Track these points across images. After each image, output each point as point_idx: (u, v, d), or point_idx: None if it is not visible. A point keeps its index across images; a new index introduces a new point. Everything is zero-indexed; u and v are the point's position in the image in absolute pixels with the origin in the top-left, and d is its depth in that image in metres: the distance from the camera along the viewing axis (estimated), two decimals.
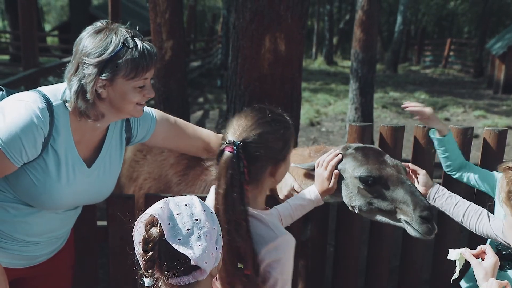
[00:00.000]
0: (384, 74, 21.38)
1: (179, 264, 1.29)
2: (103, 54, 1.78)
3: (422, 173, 2.24)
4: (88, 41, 1.81)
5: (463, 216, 2.15)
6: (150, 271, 1.33)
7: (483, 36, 21.84)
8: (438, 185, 2.26)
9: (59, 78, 2.05)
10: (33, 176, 1.86)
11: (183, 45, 5.36)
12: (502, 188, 1.83)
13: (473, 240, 2.59)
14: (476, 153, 2.64)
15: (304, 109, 11.75)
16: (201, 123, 10.15)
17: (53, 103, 1.88)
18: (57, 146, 1.89)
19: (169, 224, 1.32)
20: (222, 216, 1.57)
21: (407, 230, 2.10)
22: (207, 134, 2.43)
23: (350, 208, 2.22)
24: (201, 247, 1.31)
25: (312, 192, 2.12)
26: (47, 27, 36.08)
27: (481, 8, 24.01)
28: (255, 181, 1.68)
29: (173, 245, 1.29)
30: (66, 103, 1.90)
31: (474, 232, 2.14)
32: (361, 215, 2.24)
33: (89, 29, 1.85)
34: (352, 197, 2.18)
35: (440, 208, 2.23)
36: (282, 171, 1.73)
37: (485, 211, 2.14)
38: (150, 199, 2.30)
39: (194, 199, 1.41)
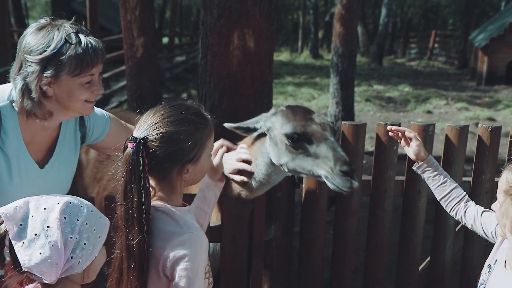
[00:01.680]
0: (369, 67, 21.40)
1: (19, 265, 1.32)
2: (45, 51, 1.73)
3: (416, 143, 2.09)
4: (31, 38, 1.76)
5: (444, 197, 2.08)
6: (1, 263, 1.37)
7: (466, 28, 21.92)
8: (432, 157, 2.16)
9: None
10: None
11: (154, 42, 5.30)
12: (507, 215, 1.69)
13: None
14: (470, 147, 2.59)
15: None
16: None
17: (0, 104, 1.83)
18: (6, 148, 1.85)
19: (20, 225, 1.33)
20: (120, 213, 1.57)
21: (328, 185, 2.11)
22: None
23: (280, 167, 2.21)
24: (41, 255, 1.30)
25: (205, 179, 2.05)
26: (32, 22, 35.69)
27: (465, 0, 24.07)
28: (164, 180, 1.65)
29: (14, 246, 1.30)
30: (13, 104, 1.85)
31: (452, 215, 2.09)
32: (290, 173, 2.25)
33: (33, 26, 1.80)
34: (280, 155, 2.19)
35: (426, 181, 2.16)
36: (195, 171, 1.67)
37: (470, 201, 2.09)
38: (111, 201, 2.26)
39: (58, 204, 1.38)
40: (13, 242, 1.31)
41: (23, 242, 1.31)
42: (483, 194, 2.64)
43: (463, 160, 2.62)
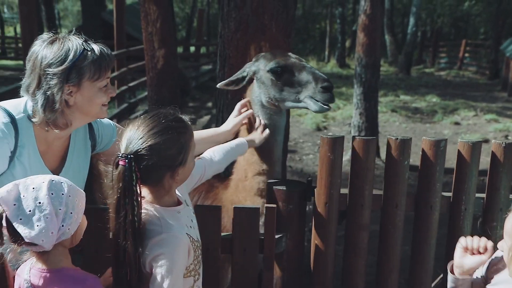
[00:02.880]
0: (396, 77, 21.21)
1: (21, 239, 1.54)
2: (65, 61, 1.82)
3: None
4: (46, 52, 1.84)
5: None
6: (0, 240, 1.56)
7: (497, 37, 21.52)
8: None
9: None
10: None
11: (175, 53, 5.39)
12: None
13: None
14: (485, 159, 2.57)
15: (312, 113, 11.70)
16: (207, 128, 10.18)
17: (16, 117, 1.91)
18: (23, 159, 1.92)
19: (14, 205, 1.55)
20: (112, 224, 1.69)
21: (309, 107, 2.50)
22: None
23: (272, 103, 2.59)
24: (39, 227, 1.53)
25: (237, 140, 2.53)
26: (64, 32, 36.52)
27: (495, 9, 23.67)
28: (157, 186, 1.76)
29: (14, 223, 1.53)
30: (30, 118, 1.92)
31: None
32: (282, 106, 2.62)
33: (40, 42, 1.88)
34: (269, 90, 2.56)
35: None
36: (184, 171, 1.79)
37: None
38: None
39: (44, 183, 1.60)
40: (11, 220, 1.53)
41: (20, 219, 1.53)
42: (497, 210, 2.60)
43: (476, 176, 2.58)
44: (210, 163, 2.29)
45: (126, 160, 1.62)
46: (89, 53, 1.86)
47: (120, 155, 1.64)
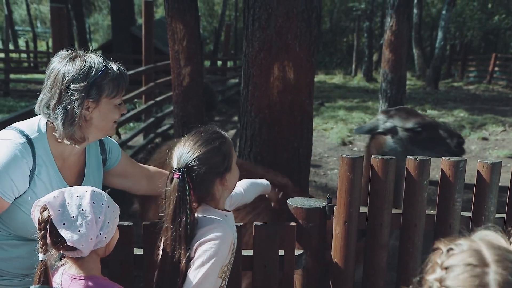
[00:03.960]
0: (424, 91, 21.01)
1: (61, 243, 1.64)
2: (88, 77, 1.91)
3: None
4: (68, 68, 1.93)
5: None
6: (44, 247, 1.66)
7: None
8: None
9: None
10: (26, 210, 1.96)
11: (200, 71, 5.52)
12: None
13: None
14: None
15: (337, 128, 11.72)
16: (233, 142, 10.27)
17: (31, 136, 1.99)
18: (43, 176, 2.01)
19: (59, 210, 1.65)
20: (169, 235, 1.85)
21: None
22: (153, 170, 2.56)
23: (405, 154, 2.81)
24: (80, 232, 1.64)
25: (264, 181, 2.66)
26: (95, 45, 37.38)
27: None
28: (208, 196, 1.95)
29: (58, 227, 1.63)
30: (44, 135, 2.02)
31: None
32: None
33: (59, 59, 1.98)
34: (405, 145, 3.02)
35: None
36: (231, 178, 1.99)
37: None
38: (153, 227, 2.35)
39: (87, 192, 1.72)
40: (55, 224, 1.64)
41: (64, 223, 1.64)
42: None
43: (496, 196, 2.60)
44: (247, 192, 2.48)
45: (179, 173, 1.82)
46: (109, 71, 1.96)
47: (174, 169, 1.85)
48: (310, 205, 2.60)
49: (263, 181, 2.66)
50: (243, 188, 2.46)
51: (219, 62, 22.38)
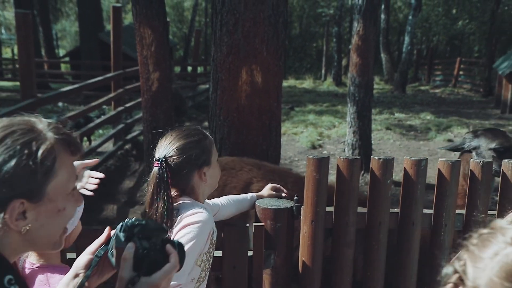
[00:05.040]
0: (392, 94, 21.40)
1: None
2: None
3: None
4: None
5: None
6: None
7: (491, 55, 21.79)
8: None
9: (68, 104, 2.27)
10: None
11: (169, 76, 5.53)
12: None
13: None
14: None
15: (307, 132, 11.85)
16: None
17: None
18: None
19: None
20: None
21: None
22: None
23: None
24: None
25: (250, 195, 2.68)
26: (62, 52, 36.84)
27: (488, 28, 24.00)
28: (188, 187, 2.04)
29: None
30: None
31: None
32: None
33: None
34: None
35: None
36: (211, 174, 2.08)
37: None
38: None
39: None
40: None
41: None
42: (476, 226, 2.70)
43: (456, 193, 2.70)
44: (224, 207, 2.52)
45: (159, 162, 1.93)
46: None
47: (154, 159, 1.96)
48: (278, 206, 2.65)
49: (248, 196, 2.68)
50: (221, 202, 2.52)
51: (189, 68, 22.33)
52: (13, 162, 0.99)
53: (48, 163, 1.04)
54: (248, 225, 2.57)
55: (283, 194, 2.75)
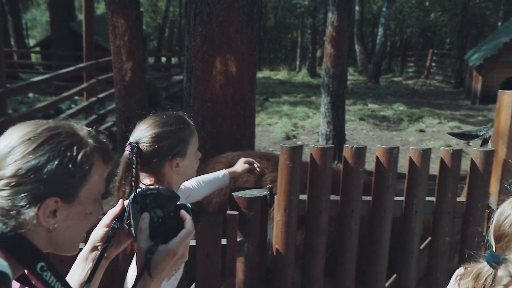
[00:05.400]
0: (365, 86, 21.60)
1: None
2: None
3: None
4: None
5: None
6: None
7: (462, 47, 22.16)
8: None
9: (39, 95, 2.22)
10: None
11: (143, 66, 5.49)
12: None
13: None
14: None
15: (282, 122, 11.89)
16: None
17: None
18: None
19: None
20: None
21: None
22: None
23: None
24: None
25: (222, 172, 2.63)
26: (32, 42, 36.07)
27: (460, 20, 24.38)
28: (159, 174, 1.97)
29: None
30: None
31: None
32: None
33: None
34: None
35: None
36: (185, 165, 2.00)
37: None
38: None
39: None
40: None
41: None
42: (445, 213, 2.77)
43: (426, 181, 2.76)
44: (196, 190, 2.48)
45: (130, 147, 1.87)
46: None
47: (127, 142, 1.90)
48: (252, 194, 2.66)
49: (220, 174, 2.64)
50: (192, 185, 2.48)
51: (163, 59, 22.14)
52: (56, 162, 1.06)
53: (86, 167, 1.11)
54: (222, 214, 2.59)
55: (255, 165, 2.73)
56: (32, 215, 1.03)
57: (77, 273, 1.32)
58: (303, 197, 2.74)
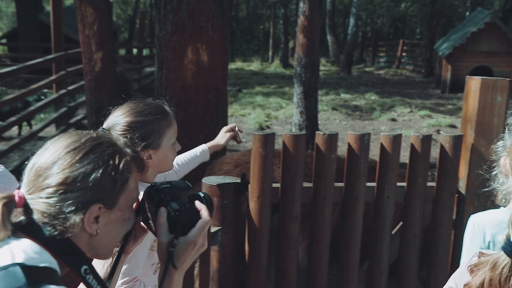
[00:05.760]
0: (338, 76, 21.74)
1: None
2: None
3: None
4: None
5: None
6: None
7: (432, 37, 22.49)
8: None
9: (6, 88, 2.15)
10: None
11: (113, 57, 5.41)
12: None
13: None
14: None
15: (255, 113, 11.89)
16: None
17: None
18: None
19: None
20: None
21: None
22: None
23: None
24: None
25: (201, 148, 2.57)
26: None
27: (429, 10, 24.71)
28: None
29: None
30: None
31: None
32: None
33: None
34: None
35: None
36: (159, 157, 1.89)
37: None
38: None
39: None
40: None
41: None
42: (416, 198, 2.82)
43: (397, 166, 2.79)
44: (180, 172, 2.42)
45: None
46: None
47: (100, 128, 1.79)
48: (224, 182, 2.66)
49: (198, 151, 2.56)
50: (176, 169, 2.40)
51: (135, 51, 21.86)
52: (101, 170, 1.13)
53: (126, 175, 1.18)
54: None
55: (237, 129, 2.66)
56: (77, 221, 1.10)
57: (97, 270, 1.33)
58: (276, 184, 2.75)
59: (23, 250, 1.04)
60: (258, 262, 2.76)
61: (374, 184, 2.83)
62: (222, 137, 2.64)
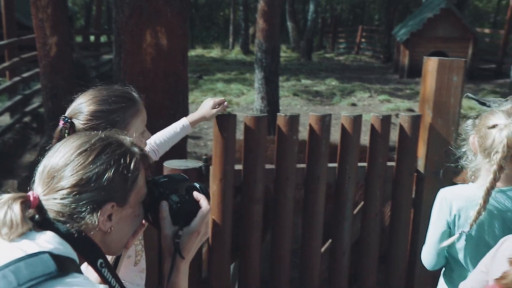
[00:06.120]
0: (298, 62, 21.84)
1: None
2: None
3: None
4: None
5: None
6: None
7: (389, 23, 22.83)
8: None
9: None
10: None
11: (68, 41, 5.26)
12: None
13: None
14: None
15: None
16: None
17: None
18: None
19: None
20: None
21: None
22: None
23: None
24: None
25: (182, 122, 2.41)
26: None
27: None
28: None
29: None
30: None
31: None
32: None
33: None
34: None
35: None
36: None
37: None
38: None
39: None
40: None
41: None
42: (376, 178, 2.86)
43: (358, 147, 2.82)
44: (161, 151, 2.33)
45: (64, 122, 1.70)
46: None
47: (61, 116, 1.72)
48: (187, 166, 2.63)
49: (177, 127, 2.40)
50: (157, 149, 2.31)
51: (92, 38, 21.33)
52: (113, 170, 1.16)
53: (136, 173, 1.21)
54: None
55: (226, 103, 2.49)
56: (92, 220, 1.14)
57: None
58: (238, 167, 2.74)
59: (48, 241, 1.08)
60: (221, 245, 2.75)
61: (335, 164, 2.86)
62: (208, 110, 2.45)
